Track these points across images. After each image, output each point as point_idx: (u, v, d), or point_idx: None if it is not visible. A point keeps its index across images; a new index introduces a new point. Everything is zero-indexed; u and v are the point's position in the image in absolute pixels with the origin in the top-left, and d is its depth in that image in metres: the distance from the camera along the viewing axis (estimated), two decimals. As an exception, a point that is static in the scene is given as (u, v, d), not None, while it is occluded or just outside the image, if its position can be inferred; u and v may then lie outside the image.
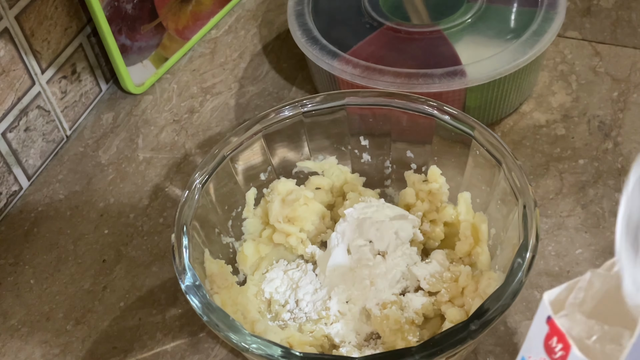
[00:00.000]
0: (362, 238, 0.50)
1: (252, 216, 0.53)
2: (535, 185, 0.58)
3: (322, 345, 0.48)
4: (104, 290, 0.55)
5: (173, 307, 0.54)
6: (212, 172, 0.49)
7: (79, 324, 0.54)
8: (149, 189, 0.62)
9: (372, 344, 0.48)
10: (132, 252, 0.58)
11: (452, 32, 0.62)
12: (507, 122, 0.63)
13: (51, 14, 0.63)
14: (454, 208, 0.52)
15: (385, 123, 0.53)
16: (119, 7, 0.66)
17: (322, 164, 0.55)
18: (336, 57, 0.60)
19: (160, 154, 0.65)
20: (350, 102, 0.53)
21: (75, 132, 0.68)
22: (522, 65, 0.58)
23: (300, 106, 0.52)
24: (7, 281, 0.57)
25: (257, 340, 0.40)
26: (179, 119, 0.68)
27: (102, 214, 0.61)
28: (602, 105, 0.63)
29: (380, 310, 0.48)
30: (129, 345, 0.52)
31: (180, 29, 0.73)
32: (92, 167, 0.65)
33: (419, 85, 0.57)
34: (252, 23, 0.77)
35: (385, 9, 0.65)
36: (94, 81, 0.70)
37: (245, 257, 0.52)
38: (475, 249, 0.49)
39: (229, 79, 0.71)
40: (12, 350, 0.53)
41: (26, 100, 0.61)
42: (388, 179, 0.56)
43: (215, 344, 0.51)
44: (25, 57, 0.60)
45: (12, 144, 0.61)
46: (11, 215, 0.62)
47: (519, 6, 0.64)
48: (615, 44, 0.69)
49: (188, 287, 0.43)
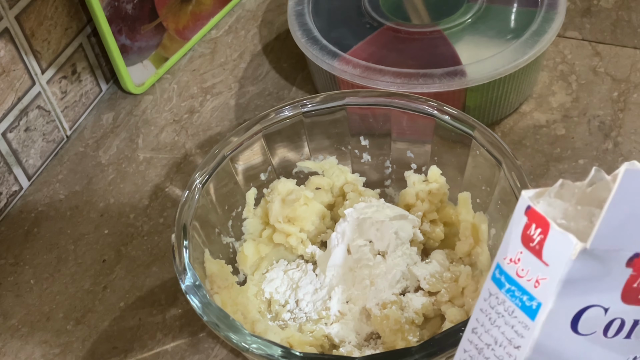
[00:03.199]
0: (362, 238, 0.50)
1: (252, 216, 0.53)
2: (535, 185, 0.58)
3: (322, 345, 0.48)
4: (104, 290, 0.56)
5: (173, 307, 0.54)
6: (212, 172, 0.50)
7: (79, 324, 0.54)
8: (149, 189, 0.62)
9: (372, 344, 0.48)
10: (132, 252, 0.58)
11: (452, 32, 0.62)
12: (507, 122, 0.63)
13: (51, 14, 0.63)
14: (454, 208, 0.52)
15: (385, 123, 0.53)
16: (119, 7, 0.66)
17: (322, 164, 0.55)
18: (336, 57, 0.61)
19: (160, 154, 0.65)
20: (350, 102, 0.53)
21: (75, 132, 0.68)
22: (522, 65, 0.58)
23: (300, 106, 0.53)
24: (7, 281, 0.57)
25: (257, 340, 0.40)
26: (179, 119, 0.68)
27: (102, 214, 0.61)
28: (602, 106, 0.63)
29: (380, 310, 0.48)
30: (129, 345, 0.52)
31: (180, 29, 0.73)
32: (92, 167, 0.65)
33: (419, 85, 0.57)
34: (252, 23, 0.77)
35: (385, 9, 0.65)
36: (94, 81, 0.70)
37: (245, 257, 0.52)
38: (475, 249, 0.49)
39: (229, 79, 0.71)
40: (12, 350, 0.53)
41: (26, 100, 0.61)
42: (388, 179, 0.56)
43: (215, 344, 0.51)
44: (26, 57, 0.60)
45: (12, 144, 0.61)
46: (11, 215, 0.62)
47: (519, 6, 0.64)
48: (615, 44, 0.69)
49: (188, 287, 0.43)
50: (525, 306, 0.30)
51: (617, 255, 0.28)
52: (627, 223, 0.28)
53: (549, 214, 0.29)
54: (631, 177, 0.27)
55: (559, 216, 0.29)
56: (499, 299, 0.31)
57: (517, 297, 0.30)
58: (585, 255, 0.28)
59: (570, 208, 0.29)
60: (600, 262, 0.28)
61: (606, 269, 0.28)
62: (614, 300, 0.30)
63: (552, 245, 0.28)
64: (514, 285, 0.30)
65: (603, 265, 0.28)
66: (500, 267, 0.31)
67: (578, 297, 0.29)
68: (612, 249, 0.28)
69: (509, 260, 0.30)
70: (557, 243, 0.28)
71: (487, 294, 0.31)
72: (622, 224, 0.28)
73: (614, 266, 0.29)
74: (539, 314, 0.29)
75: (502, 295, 0.31)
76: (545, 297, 0.29)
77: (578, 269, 0.28)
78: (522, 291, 0.30)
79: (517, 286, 0.30)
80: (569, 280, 0.28)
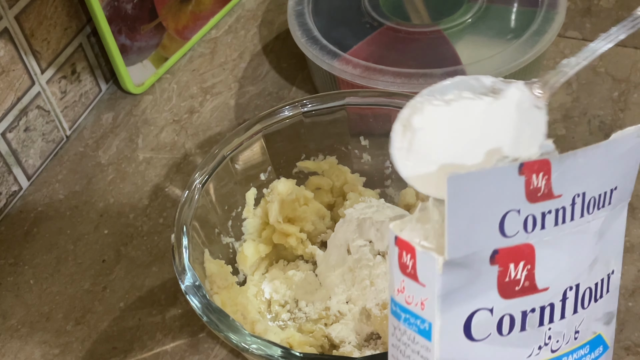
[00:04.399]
0: (362, 238, 0.50)
1: (252, 216, 0.53)
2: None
3: (322, 345, 0.48)
4: (103, 291, 0.55)
5: (173, 307, 0.54)
6: (212, 172, 0.49)
7: (79, 324, 0.54)
8: (149, 189, 0.62)
9: (372, 344, 0.48)
10: (132, 252, 0.58)
11: (452, 32, 0.62)
12: (507, 122, 0.63)
13: (51, 14, 0.63)
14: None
15: (385, 123, 0.53)
16: (119, 7, 0.66)
17: (322, 164, 0.55)
18: (336, 57, 0.60)
19: (160, 154, 0.65)
20: (350, 102, 0.53)
21: (75, 132, 0.68)
22: (522, 65, 0.58)
23: (300, 106, 0.52)
24: (7, 281, 0.57)
25: (257, 340, 0.40)
26: (179, 119, 0.68)
27: (102, 214, 0.61)
28: (603, 105, 0.63)
29: (380, 310, 0.48)
30: (129, 346, 0.52)
31: (180, 29, 0.73)
32: (92, 167, 0.65)
33: (419, 85, 0.57)
34: (252, 23, 0.77)
35: (385, 9, 0.65)
36: (94, 81, 0.70)
37: (245, 257, 0.51)
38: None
39: (229, 79, 0.71)
40: (12, 351, 0.53)
41: (26, 100, 0.61)
42: (388, 179, 0.56)
43: (215, 344, 0.51)
44: (25, 57, 0.60)
45: (12, 144, 0.61)
46: (11, 215, 0.62)
47: (519, 6, 0.64)
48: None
49: (188, 287, 0.43)
50: (421, 329, 0.31)
51: (478, 257, 0.29)
52: (472, 225, 0.29)
53: (413, 238, 0.30)
54: (456, 183, 0.28)
55: (422, 238, 0.30)
56: (401, 330, 0.32)
57: (413, 324, 0.31)
58: (449, 266, 0.29)
59: (429, 228, 0.31)
60: (466, 268, 0.29)
61: (474, 272, 0.30)
62: (494, 299, 0.31)
63: (422, 265, 0.30)
64: (407, 313, 0.31)
65: (470, 270, 0.30)
66: (394, 300, 0.32)
67: (460, 306, 0.30)
68: (469, 253, 0.29)
69: (397, 291, 0.31)
70: (424, 263, 0.29)
71: (392, 329, 0.33)
72: (467, 228, 0.29)
73: (481, 267, 0.30)
74: (432, 333, 0.30)
75: (403, 326, 0.32)
76: (432, 316, 0.30)
77: (449, 280, 0.29)
78: (414, 317, 0.31)
79: (409, 313, 0.31)
80: (445, 294, 0.29)
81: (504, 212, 0.29)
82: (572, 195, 0.31)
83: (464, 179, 0.28)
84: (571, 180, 0.31)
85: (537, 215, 0.30)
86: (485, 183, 0.29)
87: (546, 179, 0.30)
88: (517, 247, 0.30)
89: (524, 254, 0.30)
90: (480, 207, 0.29)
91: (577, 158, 0.30)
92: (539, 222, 0.30)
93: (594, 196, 0.31)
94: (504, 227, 0.30)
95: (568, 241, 0.32)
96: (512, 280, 0.31)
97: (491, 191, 0.29)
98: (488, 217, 0.29)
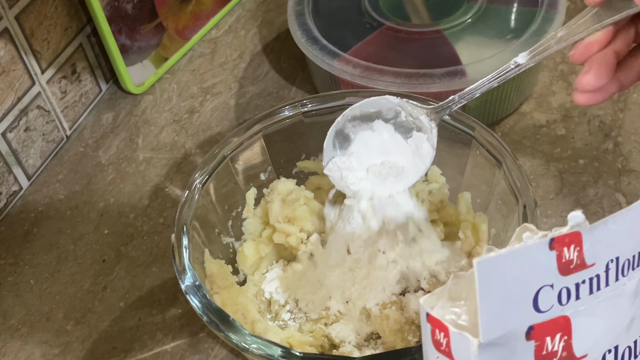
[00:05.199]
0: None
1: (252, 216, 0.53)
2: (535, 185, 0.58)
3: (322, 345, 0.48)
4: (104, 291, 0.55)
5: (173, 307, 0.54)
6: (212, 172, 0.49)
7: (79, 324, 0.54)
8: (149, 189, 0.62)
9: (372, 344, 0.48)
10: (132, 252, 0.58)
11: (452, 32, 0.62)
12: (507, 122, 0.63)
13: (51, 14, 0.63)
14: (454, 208, 0.52)
15: (385, 123, 0.53)
16: (119, 7, 0.66)
17: (322, 164, 0.55)
18: (336, 57, 0.60)
19: (160, 154, 0.65)
20: (350, 102, 0.53)
21: (75, 132, 0.68)
22: (522, 65, 0.58)
23: (300, 106, 0.52)
24: (7, 281, 0.57)
25: (257, 340, 0.40)
26: (179, 119, 0.68)
27: (102, 214, 0.61)
28: (602, 105, 0.63)
29: (380, 310, 0.48)
30: (129, 345, 0.52)
31: (180, 29, 0.73)
32: (92, 167, 0.65)
33: (419, 85, 0.57)
34: (252, 23, 0.77)
35: (385, 9, 0.65)
36: (94, 81, 0.70)
37: (245, 257, 0.51)
38: (476, 249, 0.49)
39: (229, 79, 0.71)
40: (12, 351, 0.53)
41: (26, 100, 0.61)
42: (388, 179, 0.56)
43: (215, 344, 0.51)
44: (25, 57, 0.60)
45: (12, 144, 0.61)
46: (11, 215, 0.62)
47: (519, 6, 0.64)
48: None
49: (188, 287, 0.43)
50: None
51: (513, 335, 0.29)
52: (505, 305, 0.28)
53: (445, 316, 0.30)
54: (484, 267, 0.27)
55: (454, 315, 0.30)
56: None
57: None
58: (485, 347, 0.28)
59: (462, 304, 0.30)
60: (502, 347, 0.29)
61: (510, 349, 0.29)
62: None
63: (457, 345, 0.29)
64: None
65: (505, 347, 0.29)
66: None
67: None
68: (504, 332, 0.29)
69: None
70: (459, 343, 0.29)
71: None
72: (500, 308, 0.28)
73: (516, 344, 0.29)
74: None
75: None
76: None
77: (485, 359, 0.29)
78: None
79: None
80: None
81: (537, 289, 0.29)
82: (605, 261, 0.30)
83: (493, 262, 0.27)
84: (604, 247, 0.30)
85: (571, 286, 0.29)
86: (515, 262, 0.28)
87: (578, 250, 0.29)
88: (552, 320, 0.29)
89: (560, 327, 0.30)
90: (512, 287, 0.28)
91: (608, 225, 0.29)
92: (574, 294, 0.30)
93: (628, 258, 0.31)
94: (537, 303, 0.29)
95: (604, 307, 0.31)
96: (549, 352, 0.30)
97: (522, 270, 0.28)
98: (521, 296, 0.29)
